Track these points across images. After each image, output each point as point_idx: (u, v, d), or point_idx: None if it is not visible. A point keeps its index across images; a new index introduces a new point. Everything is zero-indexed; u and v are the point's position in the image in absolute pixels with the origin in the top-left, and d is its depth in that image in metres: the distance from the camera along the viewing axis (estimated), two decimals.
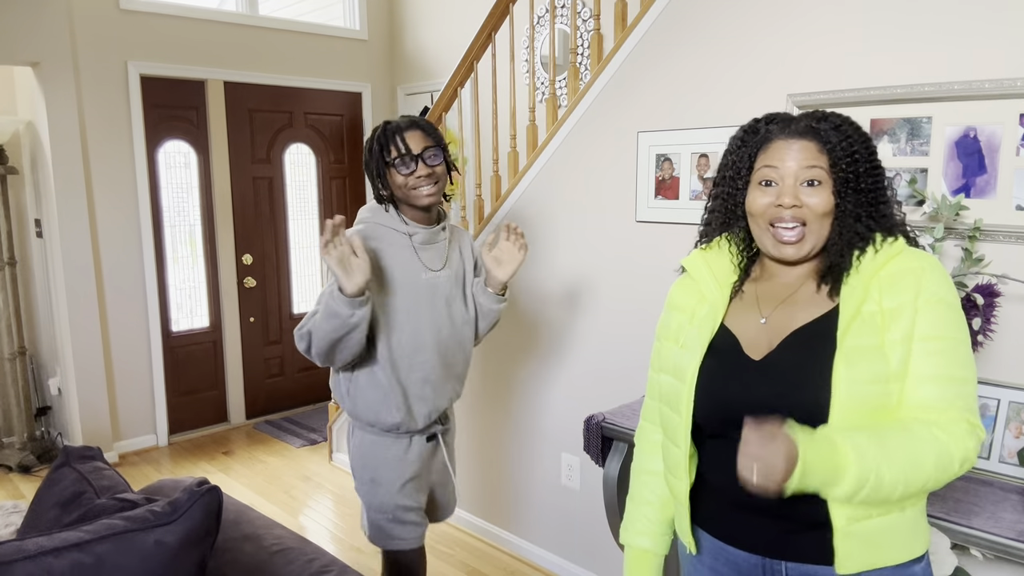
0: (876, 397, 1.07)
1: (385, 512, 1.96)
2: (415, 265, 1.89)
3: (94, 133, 3.95)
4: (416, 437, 1.97)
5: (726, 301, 1.24)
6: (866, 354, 1.08)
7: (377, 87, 5.14)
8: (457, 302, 1.97)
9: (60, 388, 4.08)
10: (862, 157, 1.14)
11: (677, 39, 2.31)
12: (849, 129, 1.16)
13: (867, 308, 1.11)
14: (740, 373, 1.17)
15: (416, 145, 1.83)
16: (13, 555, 1.13)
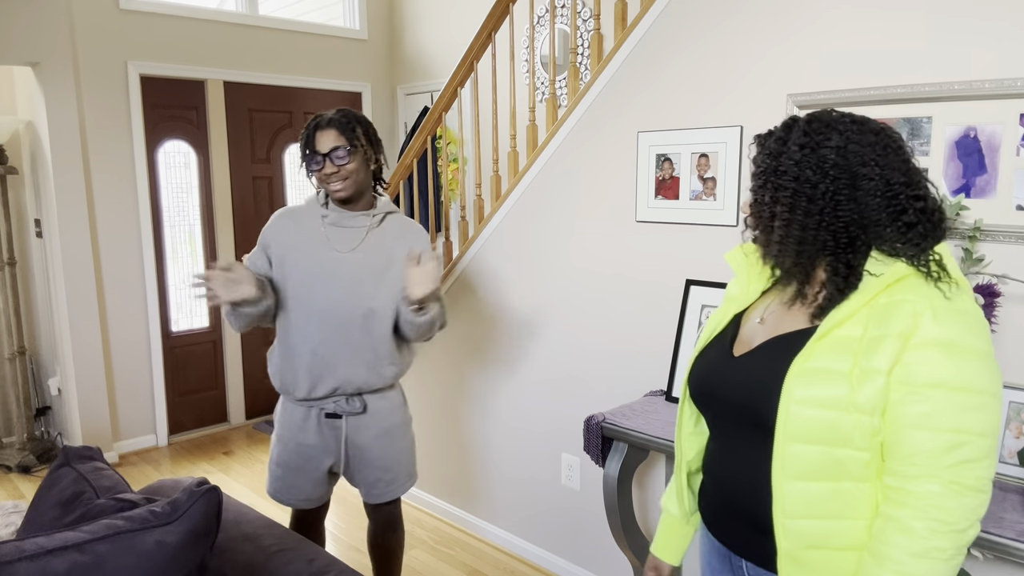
0: (825, 422, 1.04)
1: (279, 467, 2.17)
2: (319, 243, 2.05)
3: (94, 133, 3.95)
4: (314, 410, 2.11)
5: (753, 296, 1.25)
6: (823, 377, 1.04)
7: (377, 87, 5.14)
8: (365, 287, 2.04)
9: (60, 388, 4.08)
10: (785, 169, 1.08)
11: (677, 39, 2.31)
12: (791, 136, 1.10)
13: (844, 332, 1.05)
14: (720, 366, 1.21)
15: (325, 144, 1.98)
16: (13, 555, 1.13)
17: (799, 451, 1.06)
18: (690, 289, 2.28)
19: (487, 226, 3.01)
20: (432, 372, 3.34)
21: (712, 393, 1.21)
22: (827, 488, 1.06)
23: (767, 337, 1.16)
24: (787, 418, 1.06)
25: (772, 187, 1.11)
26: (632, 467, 2.17)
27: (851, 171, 1.05)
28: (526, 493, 2.98)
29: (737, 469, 1.17)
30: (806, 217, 1.07)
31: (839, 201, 1.06)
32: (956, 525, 0.98)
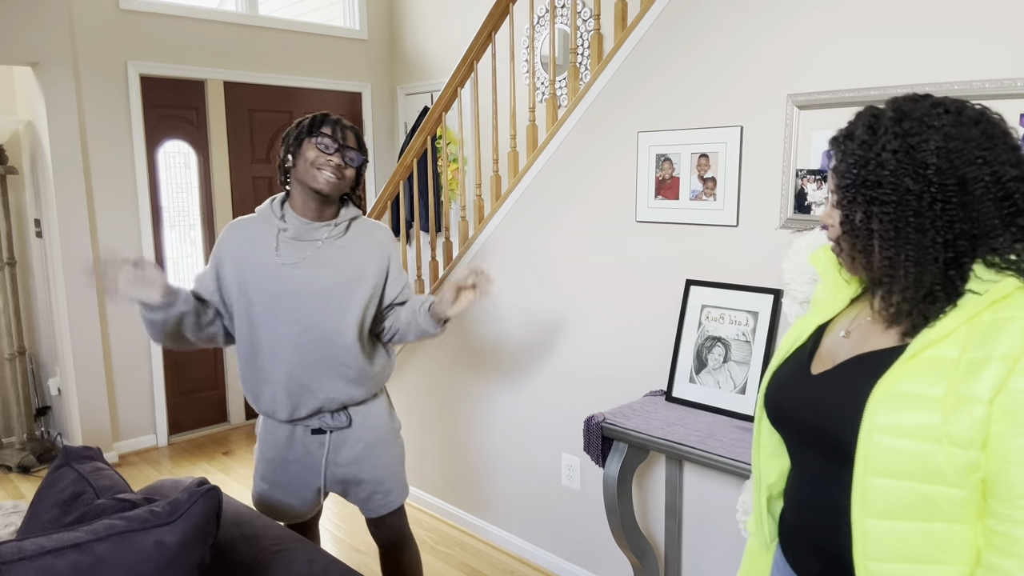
0: (913, 455, 0.91)
1: (265, 482, 2.04)
2: (280, 259, 1.89)
3: (94, 133, 3.95)
4: (300, 428, 1.99)
5: (840, 306, 1.13)
6: (912, 403, 0.91)
7: (377, 87, 5.14)
8: (338, 302, 1.91)
9: (60, 388, 4.08)
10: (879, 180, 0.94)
11: (677, 39, 2.31)
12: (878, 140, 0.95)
13: (938, 352, 0.92)
14: (796, 384, 1.09)
15: (348, 140, 1.90)
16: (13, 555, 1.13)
17: (883, 486, 0.93)
18: (690, 289, 2.28)
19: (487, 226, 3.01)
20: (431, 372, 3.34)
21: (787, 414, 1.09)
22: (917, 528, 0.93)
23: (851, 354, 1.03)
24: (869, 448, 0.93)
25: (864, 201, 0.96)
26: (632, 467, 2.17)
27: (957, 175, 0.91)
28: (526, 493, 2.98)
29: (814, 500, 1.06)
30: (919, 234, 0.92)
31: (949, 211, 0.91)
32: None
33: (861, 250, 0.99)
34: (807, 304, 1.74)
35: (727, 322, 2.18)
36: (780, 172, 2.08)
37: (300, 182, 1.89)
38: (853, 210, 0.98)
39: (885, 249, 0.95)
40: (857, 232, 0.98)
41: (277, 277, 1.89)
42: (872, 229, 0.96)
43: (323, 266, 1.91)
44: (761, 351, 2.09)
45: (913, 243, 0.93)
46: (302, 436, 2.01)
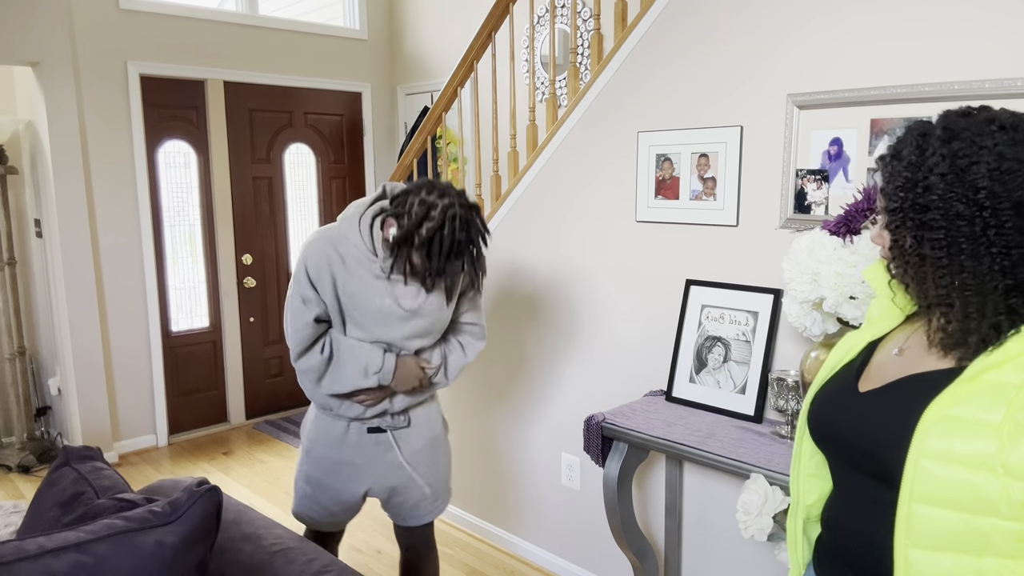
0: (964, 484, 0.86)
1: (308, 484, 2.01)
2: (372, 287, 1.84)
3: (94, 133, 3.95)
4: (355, 424, 1.96)
5: (895, 321, 1.08)
6: (966, 428, 0.86)
7: (377, 87, 5.14)
8: (418, 332, 1.91)
9: (60, 388, 4.08)
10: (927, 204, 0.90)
11: (677, 39, 2.31)
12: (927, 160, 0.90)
13: (998, 377, 0.87)
14: (843, 400, 1.05)
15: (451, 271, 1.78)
16: (13, 555, 1.13)
17: (930, 515, 0.89)
18: (690, 289, 2.28)
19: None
20: None
21: (831, 432, 1.05)
22: (965, 563, 0.88)
23: (903, 374, 0.98)
24: (916, 474, 0.89)
25: (914, 226, 0.91)
26: (632, 467, 2.17)
27: (1013, 197, 0.86)
28: (526, 493, 2.98)
29: (856, 524, 1.02)
30: (974, 261, 0.88)
31: (1005, 235, 0.86)
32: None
33: (913, 277, 0.95)
34: (807, 304, 1.74)
35: (727, 322, 2.18)
36: (780, 172, 2.08)
37: (392, 250, 1.79)
38: (902, 235, 0.94)
39: (939, 277, 0.91)
40: (908, 258, 0.94)
41: (367, 304, 1.84)
42: (923, 255, 0.92)
43: (425, 304, 1.88)
44: (761, 351, 2.09)
45: (969, 271, 0.88)
46: (357, 434, 1.97)
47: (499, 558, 3.02)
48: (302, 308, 1.84)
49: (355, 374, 1.85)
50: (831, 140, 1.96)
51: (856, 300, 1.60)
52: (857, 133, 1.90)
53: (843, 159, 1.94)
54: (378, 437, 1.98)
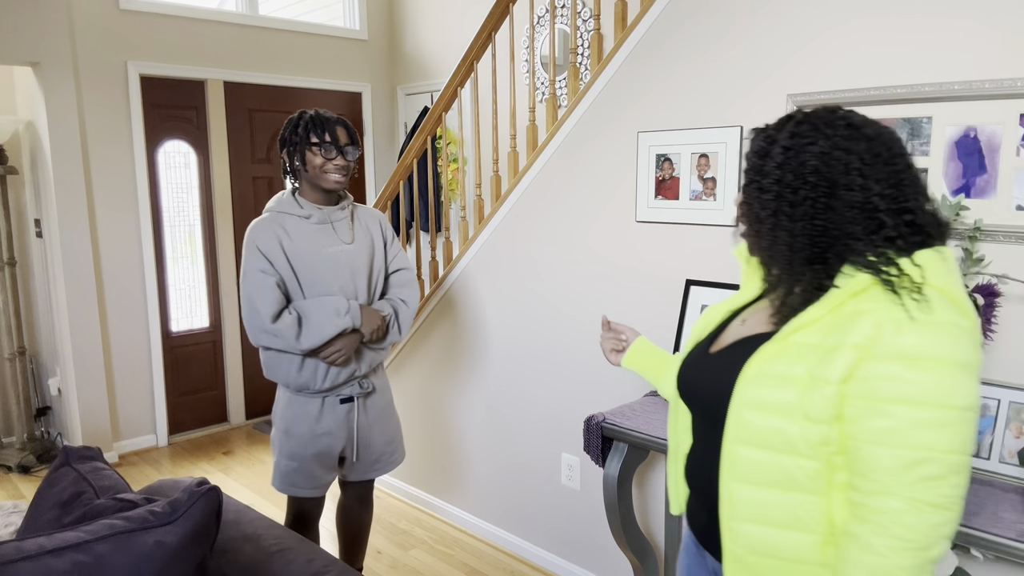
0: (772, 429, 1.02)
1: (292, 460, 2.22)
2: (315, 242, 2.14)
3: (94, 133, 3.95)
4: (329, 399, 2.22)
5: (753, 294, 1.24)
6: (776, 381, 1.03)
7: (377, 87, 5.14)
8: (362, 274, 2.22)
9: (60, 388, 4.08)
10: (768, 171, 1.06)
11: (677, 39, 2.31)
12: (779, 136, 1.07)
13: (803, 338, 1.03)
14: (698, 361, 1.23)
15: (342, 138, 2.13)
16: (13, 555, 1.13)
17: (747, 455, 1.05)
18: (690, 289, 2.28)
19: (487, 226, 3.01)
20: (431, 372, 3.34)
21: (687, 389, 1.24)
22: (777, 498, 1.04)
23: (738, 337, 1.17)
24: (737, 420, 1.06)
25: (756, 188, 1.08)
26: (632, 467, 2.17)
27: (830, 179, 1.02)
28: (526, 493, 2.98)
29: (703, 463, 1.19)
30: (791, 222, 1.04)
31: (816, 210, 1.03)
32: (917, 542, 0.94)
33: (752, 231, 1.11)
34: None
35: None
36: None
37: (309, 181, 2.16)
38: (749, 193, 1.10)
39: (765, 234, 1.08)
40: (748, 214, 1.11)
41: (320, 257, 2.14)
42: (758, 214, 1.08)
43: (348, 243, 2.20)
44: None
45: (786, 229, 1.05)
46: (331, 406, 2.22)
47: (499, 558, 3.02)
48: (263, 277, 2.09)
49: (329, 319, 2.09)
50: None
51: None
52: None
53: None
54: (349, 406, 2.25)
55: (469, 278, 3.13)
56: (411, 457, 3.51)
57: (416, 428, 3.46)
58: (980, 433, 1.70)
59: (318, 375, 2.16)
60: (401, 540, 3.17)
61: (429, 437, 3.40)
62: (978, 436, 1.69)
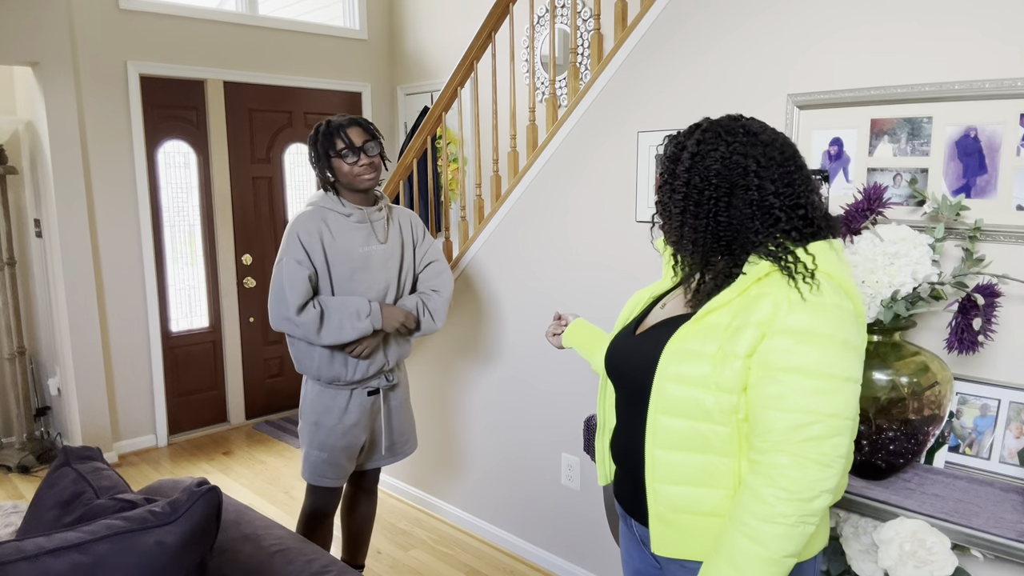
0: (690, 399, 1.16)
1: (323, 451, 2.30)
2: (353, 240, 2.24)
3: (94, 133, 3.94)
4: (356, 390, 2.32)
5: (669, 284, 1.40)
6: (692, 357, 1.17)
7: (377, 87, 5.14)
8: (394, 272, 2.32)
9: (60, 388, 4.08)
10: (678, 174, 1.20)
11: (677, 39, 2.31)
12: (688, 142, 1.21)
13: (714, 319, 1.17)
14: (624, 342, 1.36)
15: (357, 139, 2.19)
16: (12, 555, 1.13)
17: (668, 423, 1.19)
18: None
19: (487, 226, 3.01)
20: (432, 372, 3.34)
21: (614, 367, 1.36)
22: (694, 460, 1.18)
23: (660, 319, 1.30)
24: (659, 392, 1.19)
25: (669, 188, 1.22)
26: None
27: (731, 181, 1.16)
28: (526, 493, 2.98)
29: (627, 437, 1.31)
30: (696, 220, 1.19)
31: (719, 208, 1.17)
32: (800, 494, 1.08)
33: (667, 227, 1.26)
34: None
35: None
36: None
37: (347, 187, 2.25)
38: (664, 194, 1.24)
39: (676, 229, 1.22)
40: (662, 212, 1.26)
41: (358, 254, 2.24)
42: (670, 211, 1.22)
43: (383, 243, 2.30)
44: None
45: (691, 226, 1.20)
46: (358, 398, 2.32)
47: (499, 558, 3.02)
48: (297, 267, 2.17)
49: (350, 321, 2.18)
50: (831, 140, 1.96)
51: None
52: (857, 133, 1.90)
53: (843, 159, 1.94)
54: (375, 398, 2.36)
55: (469, 278, 3.13)
56: (411, 457, 3.51)
57: (416, 428, 3.46)
58: (980, 433, 1.70)
59: (348, 367, 2.26)
60: (401, 540, 3.17)
61: (429, 437, 3.40)
62: (978, 436, 1.70)
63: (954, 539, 1.45)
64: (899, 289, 1.57)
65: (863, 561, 1.59)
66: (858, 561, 1.59)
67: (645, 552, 1.37)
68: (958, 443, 1.72)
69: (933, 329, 1.77)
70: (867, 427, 1.59)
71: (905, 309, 1.57)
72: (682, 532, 1.21)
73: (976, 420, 1.71)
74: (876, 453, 1.60)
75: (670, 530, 1.22)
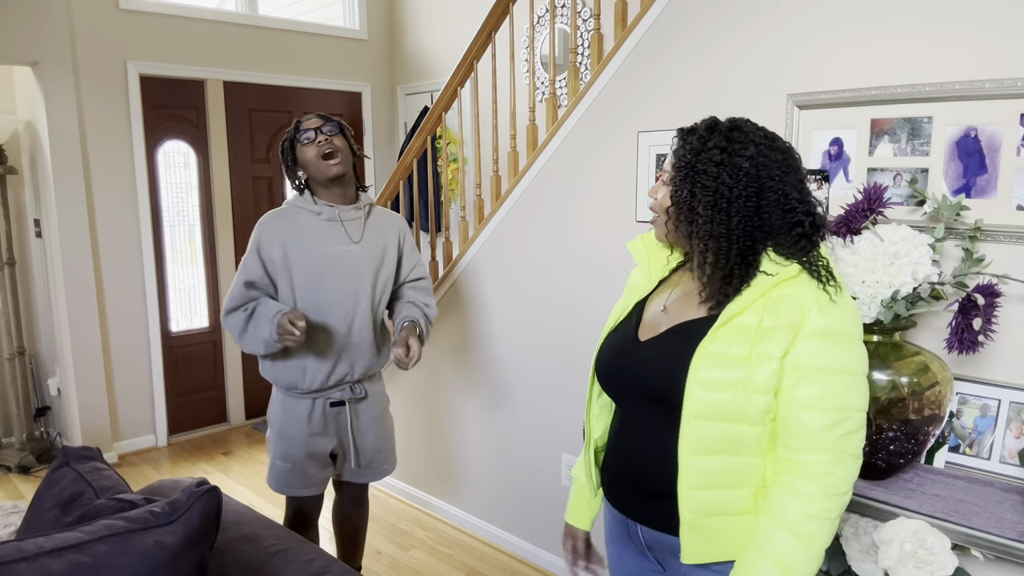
0: (724, 402, 1.16)
1: (287, 461, 2.23)
2: (320, 239, 2.13)
3: (93, 133, 3.94)
4: (319, 400, 2.21)
5: (652, 285, 1.39)
6: (723, 361, 1.16)
7: (377, 87, 5.14)
8: (369, 275, 2.19)
9: (59, 388, 4.08)
10: (704, 169, 1.19)
11: (677, 39, 2.31)
12: (712, 138, 1.21)
13: (742, 321, 1.17)
14: (626, 350, 1.33)
15: (314, 124, 2.14)
16: (12, 555, 1.13)
17: (702, 429, 1.18)
18: None
19: (487, 226, 3.01)
20: (432, 372, 3.34)
21: (620, 374, 1.32)
22: (727, 462, 1.18)
23: (672, 324, 1.28)
24: (692, 398, 1.17)
25: (691, 183, 1.21)
26: None
27: (759, 182, 1.18)
28: (526, 493, 2.98)
29: (641, 442, 1.30)
30: (728, 218, 1.18)
31: (750, 208, 1.18)
32: (840, 488, 1.12)
33: (684, 220, 1.23)
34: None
35: None
36: None
37: (315, 179, 2.16)
38: (683, 188, 1.22)
39: (702, 225, 1.20)
40: (681, 206, 1.23)
41: (321, 254, 2.13)
42: (694, 208, 1.20)
43: (356, 243, 2.17)
44: None
45: (723, 223, 1.19)
46: (321, 410, 2.21)
47: (499, 558, 3.02)
48: (242, 272, 2.13)
49: (265, 323, 2.05)
50: (831, 140, 1.96)
51: (856, 300, 1.60)
52: (857, 133, 1.90)
53: (843, 159, 1.94)
54: (339, 409, 2.24)
55: (469, 278, 3.13)
56: (411, 457, 3.51)
57: (416, 428, 3.46)
58: (980, 433, 1.70)
59: (306, 375, 2.16)
60: (401, 540, 3.17)
61: (429, 437, 3.40)
62: (978, 436, 1.70)
63: (954, 539, 1.45)
64: (899, 289, 1.57)
65: (863, 561, 1.58)
66: (858, 561, 1.59)
67: (644, 558, 1.36)
68: (958, 443, 1.72)
69: (933, 329, 1.77)
70: (867, 427, 1.59)
71: (905, 309, 1.56)
72: (712, 536, 1.21)
73: (976, 420, 1.71)
74: (876, 453, 1.60)
75: (702, 536, 1.21)
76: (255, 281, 2.13)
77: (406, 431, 3.48)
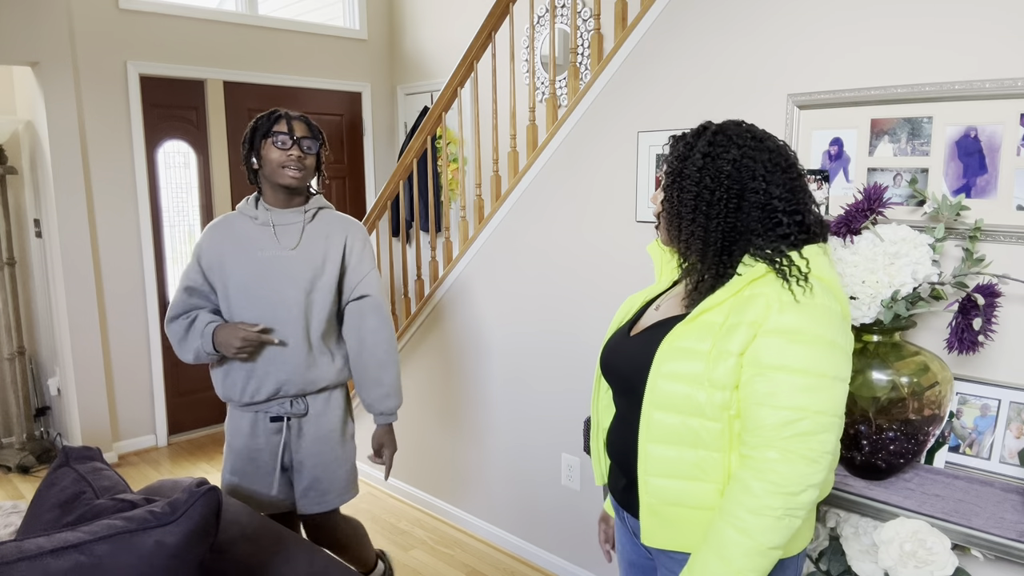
0: (682, 395, 1.19)
1: (234, 475, 2.13)
2: (253, 244, 2.05)
3: (93, 133, 3.94)
4: (260, 415, 2.09)
5: (664, 286, 1.44)
6: (687, 354, 1.20)
7: (377, 87, 5.14)
8: (303, 283, 2.04)
9: (59, 388, 4.08)
10: (689, 174, 1.23)
11: (677, 39, 2.31)
12: (698, 144, 1.25)
13: (709, 318, 1.20)
14: (619, 344, 1.39)
15: (299, 131, 2.04)
16: (12, 555, 1.13)
17: (660, 418, 1.22)
18: None
19: (487, 226, 3.01)
20: (431, 372, 3.34)
21: (610, 367, 1.39)
22: (685, 454, 1.21)
23: (655, 320, 1.34)
24: (653, 388, 1.22)
25: (678, 188, 1.25)
26: None
27: (741, 184, 1.21)
28: (526, 493, 2.98)
29: (622, 432, 1.35)
30: (707, 220, 1.22)
31: (729, 209, 1.21)
32: (787, 488, 1.11)
33: (674, 225, 1.27)
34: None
35: None
36: None
37: (268, 180, 2.06)
38: (671, 192, 1.27)
39: (683, 227, 1.25)
40: (670, 210, 1.28)
41: (252, 260, 2.04)
42: (679, 211, 1.25)
43: (295, 249, 2.06)
44: None
45: (702, 225, 1.22)
46: (262, 424, 2.10)
47: (499, 558, 3.02)
48: (183, 277, 2.10)
49: (195, 337, 2.04)
50: (831, 140, 1.96)
51: (856, 300, 1.60)
52: (857, 133, 1.90)
53: (843, 159, 1.94)
54: (278, 425, 2.10)
55: (469, 278, 3.13)
56: (411, 457, 3.51)
57: (416, 429, 3.46)
58: (980, 433, 1.70)
59: (237, 387, 2.06)
60: (401, 540, 3.17)
61: (429, 437, 3.40)
62: (978, 436, 1.70)
63: (954, 539, 1.45)
64: (899, 289, 1.57)
65: (863, 561, 1.59)
66: (858, 561, 1.59)
67: (637, 544, 1.41)
68: (958, 443, 1.72)
69: (933, 329, 1.77)
70: (867, 427, 1.59)
71: (905, 309, 1.56)
72: (672, 524, 1.25)
73: (976, 420, 1.71)
74: (876, 453, 1.60)
75: (660, 522, 1.26)
76: (194, 287, 2.08)
77: (407, 432, 3.48)
